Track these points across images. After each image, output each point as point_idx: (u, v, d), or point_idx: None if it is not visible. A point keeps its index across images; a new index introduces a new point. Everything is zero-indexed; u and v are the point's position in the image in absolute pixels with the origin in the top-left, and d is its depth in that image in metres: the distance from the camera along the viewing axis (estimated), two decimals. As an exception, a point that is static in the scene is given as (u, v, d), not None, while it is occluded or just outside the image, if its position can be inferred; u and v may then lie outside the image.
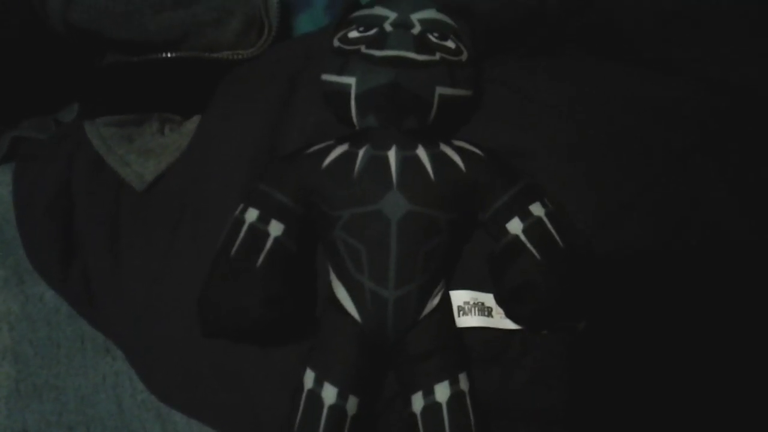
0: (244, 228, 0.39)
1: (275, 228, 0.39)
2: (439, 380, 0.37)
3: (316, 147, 0.41)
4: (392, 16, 0.42)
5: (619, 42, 0.50)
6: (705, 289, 0.41)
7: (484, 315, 0.40)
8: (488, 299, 0.40)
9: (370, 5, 0.44)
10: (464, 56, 0.42)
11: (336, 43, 0.43)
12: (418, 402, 0.38)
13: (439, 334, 0.39)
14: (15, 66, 0.50)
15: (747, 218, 0.42)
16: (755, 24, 0.48)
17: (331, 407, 0.37)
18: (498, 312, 0.40)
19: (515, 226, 0.39)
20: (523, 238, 0.38)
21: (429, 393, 0.37)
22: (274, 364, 0.41)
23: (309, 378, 0.38)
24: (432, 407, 0.37)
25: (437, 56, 0.41)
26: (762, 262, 0.42)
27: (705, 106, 0.46)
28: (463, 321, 0.40)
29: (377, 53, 0.40)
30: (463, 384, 0.38)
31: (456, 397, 0.37)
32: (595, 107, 0.45)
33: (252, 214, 0.39)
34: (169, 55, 0.52)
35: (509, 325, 0.40)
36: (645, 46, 0.49)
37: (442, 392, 0.37)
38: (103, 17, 0.50)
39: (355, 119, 0.41)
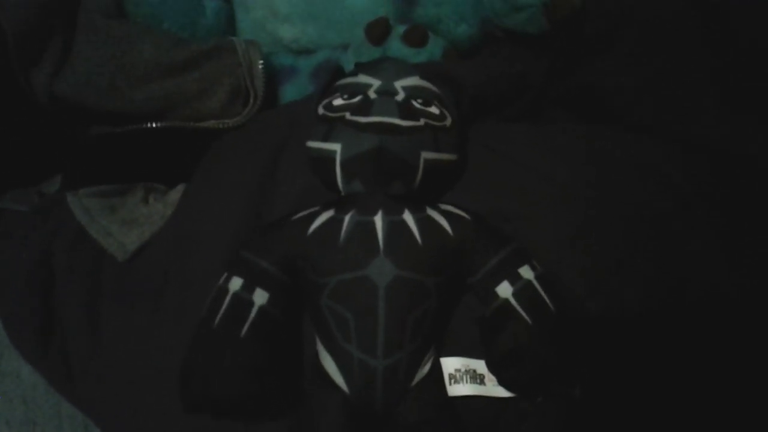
0: (228, 297, 0.38)
1: (260, 297, 0.38)
2: (432, 454, 0.36)
3: (301, 214, 0.41)
4: (376, 83, 0.43)
5: (602, 106, 0.51)
6: (701, 349, 0.40)
7: (477, 383, 0.39)
8: (480, 366, 0.39)
9: (354, 73, 0.45)
10: (448, 121, 0.43)
11: (321, 110, 0.43)
12: (410, 478, 0.36)
13: (431, 404, 0.37)
14: (-2, 138, 0.50)
15: (737, 275, 0.42)
16: (730, 87, 0.49)
17: (319, 485, 0.35)
18: (491, 379, 0.39)
19: (505, 289, 0.38)
20: (513, 301, 0.38)
21: (421, 468, 0.36)
22: (259, 440, 0.40)
23: (296, 455, 0.36)
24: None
25: (421, 122, 0.41)
26: (755, 318, 0.41)
27: (687, 167, 0.46)
28: (455, 389, 0.39)
29: (362, 120, 0.40)
30: (457, 457, 0.37)
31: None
32: (579, 170, 0.45)
33: (236, 283, 0.38)
34: (154, 125, 0.52)
35: (502, 392, 0.38)
36: (627, 109, 0.50)
37: (435, 467, 0.36)
38: (89, 90, 0.50)
39: (340, 185, 0.41)
